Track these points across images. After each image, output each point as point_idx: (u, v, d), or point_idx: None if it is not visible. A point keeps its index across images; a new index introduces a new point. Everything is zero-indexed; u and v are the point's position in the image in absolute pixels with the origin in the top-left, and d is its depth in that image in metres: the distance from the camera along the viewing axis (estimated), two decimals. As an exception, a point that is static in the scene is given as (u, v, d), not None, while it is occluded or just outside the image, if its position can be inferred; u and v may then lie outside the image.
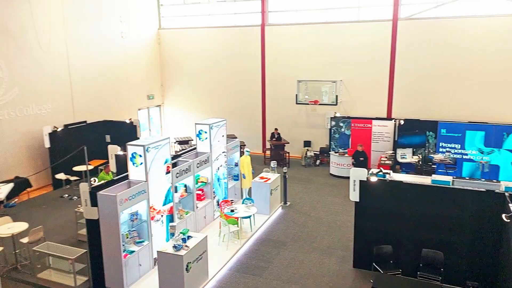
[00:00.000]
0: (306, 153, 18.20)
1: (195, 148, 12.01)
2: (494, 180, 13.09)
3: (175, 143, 18.46)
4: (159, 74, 21.43)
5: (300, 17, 18.57)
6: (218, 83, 20.35)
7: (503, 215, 7.27)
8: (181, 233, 8.49)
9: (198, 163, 11.10)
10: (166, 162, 9.67)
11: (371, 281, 7.88)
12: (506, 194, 7.93)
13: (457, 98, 16.39)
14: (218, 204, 11.94)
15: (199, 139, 11.78)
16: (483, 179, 14.32)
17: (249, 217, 11.19)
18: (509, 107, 15.67)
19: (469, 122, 15.38)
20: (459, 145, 15.23)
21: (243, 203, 11.69)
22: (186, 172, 10.57)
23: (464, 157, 15.17)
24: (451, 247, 8.62)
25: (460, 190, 8.53)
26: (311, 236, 11.25)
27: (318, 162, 18.18)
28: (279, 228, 11.78)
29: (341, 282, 9.03)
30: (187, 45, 20.64)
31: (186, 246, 8.26)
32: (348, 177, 9.45)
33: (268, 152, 18.47)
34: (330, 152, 17.11)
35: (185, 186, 10.94)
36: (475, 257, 8.48)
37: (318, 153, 18.37)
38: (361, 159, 14.73)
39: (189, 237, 8.56)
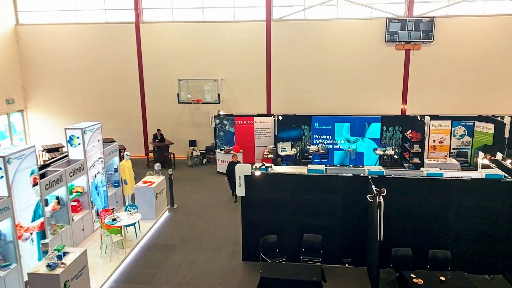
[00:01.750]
0: (192, 153, 18.06)
1: (66, 156, 11.00)
2: (360, 166, 14.74)
3: (43, 151, 16.80)
4: (19, 75, 19.01)
5: (176, 15, 18.29)
6: (91, 83, 18.92)
7: (368, 196, 8.19)
8: (55, 250, 7.73)
9: (71, 172, 10.18)
10: (32, 173, 8.65)
11: (260, 271, 8.16)
12: (369, 177, 8.94)
13: (326, 94, 17.96)
14: (97, 214, 11.15)
15: (71, 145, 10.81)
16: (351, 165, 16.13)
17: (133, 224, 10.67)
18: (369, 100, 17.73)
19: (337, 115, 17.02)
20: (330, 136, 16.76)
21: (126, 210, 11.10)
22: (58, 183, 9.61)
23: (335, 146, 16.77)
24: (328, 229, 9.39)
25: (331, 177, 9.36)
26: (200, 236, 11.20)
27: (204, 161, 18.20)
28: (166, 232, 11.47)
29: (231, 277, 9.17)
30: (53, 43, 18.71)
31: (63, 263, 7.55)
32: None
33: (151, 155, 17.85)
34: (216, 150, 17.26)
35: (57, 198, 9.94)
36: (347, 236, 9.39)
37: (204, 152, 18.39)
38: None
39: (65, 253, 7.85)
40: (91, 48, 18.60)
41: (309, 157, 16.53)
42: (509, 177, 8.90)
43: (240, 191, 9.53)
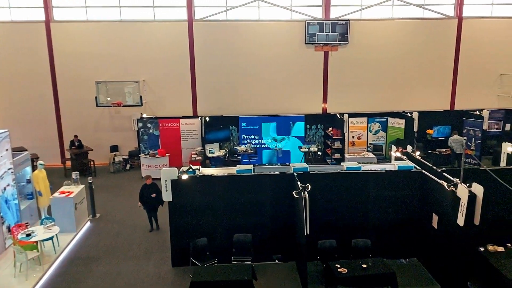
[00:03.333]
0: (113, 159, 17.21)
1: (-31, 168, 9.86)
2: (287, 163, 15.12)
3: None
4: None
5: (91, 14, 17.30)
6: (-3, 88, 17.23)
7: (294, 192, 8.42)
8: (-43, 274, 6.86)
9: (-26, 185, 9.14)
10: None
11: (190, 276, 8.01)
12: (295, 174, 9.20)
13: (252, 94, 18.22)
14: (9, 230, 10.16)
15: (-26, 156, 9.71)
16: (279, 164, 16.51)
17: (50, 238, 9.88)
18: (292, 100, 18.31)
19: (263, 115, 17.33)
20: (258, 136, 17.01)
21: (41, 224, 10.29)
22: (-42, 199, 8.57)
23: (263, 146, 17.05)
24: (258, 228, 9.50)
25: (259, 176, 9.49)
26: (127, 244, 10.70)
27: (128, 166, 17.45)
28: (89, 243, 10.80)
29: (161, 284, 8.89)
30: None
31: (-33, 288, 6.74)
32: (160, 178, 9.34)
33: (68, 163, 16.71)
34: (140, 155, 16.63)
35: (-41, 215, 8.88)
36: (277, 232, 9.57)
37: (127, 157, 17.63)
38: (153, 195, 11.23)
39: (-30, 277, 7.01)
40: (-5, 49, 16.96)
41: (238, 157, 16.62)
42: (418, 168, 9.71)
43: (167, 196, 9.26)
